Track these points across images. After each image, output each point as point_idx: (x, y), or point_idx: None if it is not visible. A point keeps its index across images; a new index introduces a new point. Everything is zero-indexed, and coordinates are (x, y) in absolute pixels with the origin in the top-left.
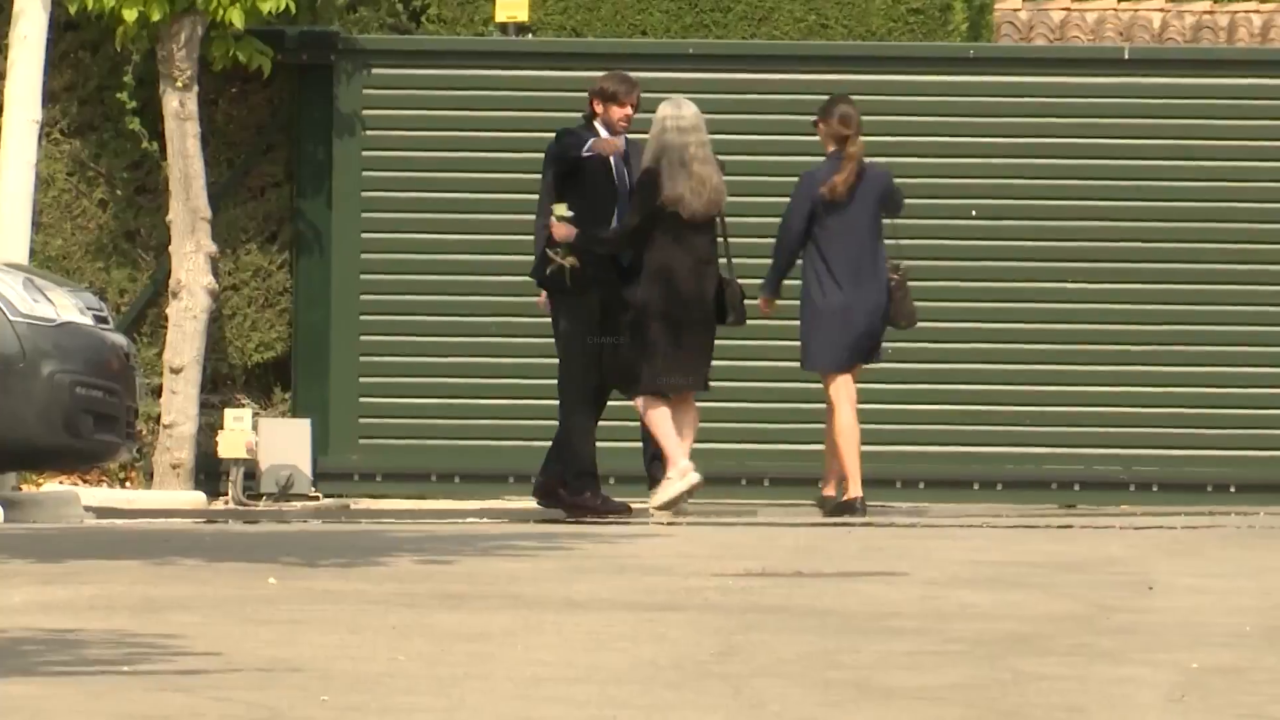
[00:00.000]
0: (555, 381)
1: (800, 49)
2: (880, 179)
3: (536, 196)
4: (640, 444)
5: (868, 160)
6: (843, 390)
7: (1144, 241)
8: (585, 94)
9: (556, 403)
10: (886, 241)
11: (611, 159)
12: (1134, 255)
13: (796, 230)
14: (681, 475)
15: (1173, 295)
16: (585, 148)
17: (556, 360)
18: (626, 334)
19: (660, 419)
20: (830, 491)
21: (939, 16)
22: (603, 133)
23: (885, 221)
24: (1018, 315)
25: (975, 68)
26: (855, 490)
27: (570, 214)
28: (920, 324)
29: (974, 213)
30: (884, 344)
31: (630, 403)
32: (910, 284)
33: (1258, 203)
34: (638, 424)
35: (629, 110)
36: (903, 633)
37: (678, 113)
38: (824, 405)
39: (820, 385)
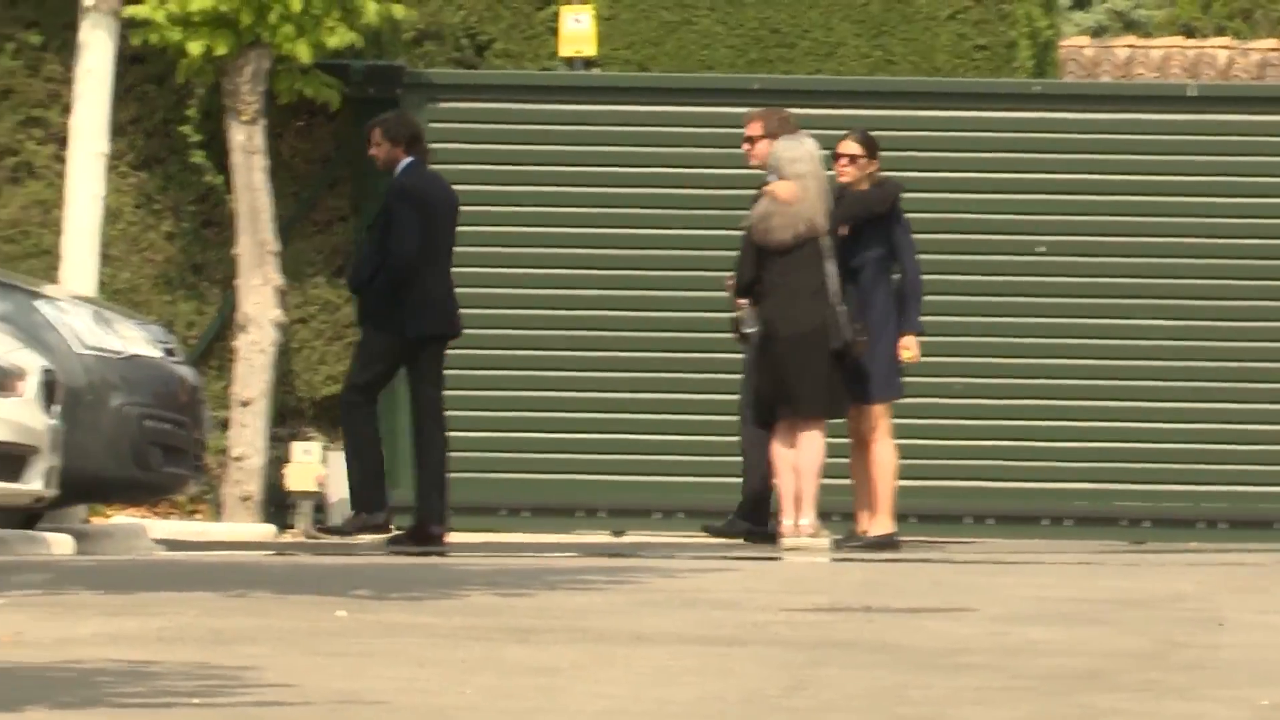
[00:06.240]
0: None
1: (866, 84)
2: None
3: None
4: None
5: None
6: None
7: (1211, 278)
8: (649, 128)
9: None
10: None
11: None
12: (1200, 292)
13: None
14: (809, 531)
15: (1243, 332)
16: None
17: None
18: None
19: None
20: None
21: (1004, 52)
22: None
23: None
24: (1087, 351)
25: (1040, 104)
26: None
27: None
28: (990, 359)
29: (1042, 249)
30: (953, 379)
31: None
32: (977, 319)
33: None
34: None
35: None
36: (972, 668)
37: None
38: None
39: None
